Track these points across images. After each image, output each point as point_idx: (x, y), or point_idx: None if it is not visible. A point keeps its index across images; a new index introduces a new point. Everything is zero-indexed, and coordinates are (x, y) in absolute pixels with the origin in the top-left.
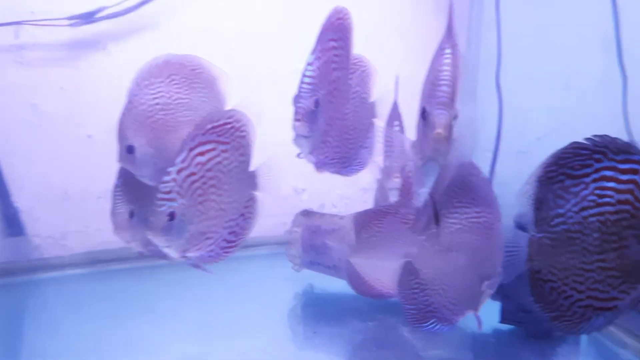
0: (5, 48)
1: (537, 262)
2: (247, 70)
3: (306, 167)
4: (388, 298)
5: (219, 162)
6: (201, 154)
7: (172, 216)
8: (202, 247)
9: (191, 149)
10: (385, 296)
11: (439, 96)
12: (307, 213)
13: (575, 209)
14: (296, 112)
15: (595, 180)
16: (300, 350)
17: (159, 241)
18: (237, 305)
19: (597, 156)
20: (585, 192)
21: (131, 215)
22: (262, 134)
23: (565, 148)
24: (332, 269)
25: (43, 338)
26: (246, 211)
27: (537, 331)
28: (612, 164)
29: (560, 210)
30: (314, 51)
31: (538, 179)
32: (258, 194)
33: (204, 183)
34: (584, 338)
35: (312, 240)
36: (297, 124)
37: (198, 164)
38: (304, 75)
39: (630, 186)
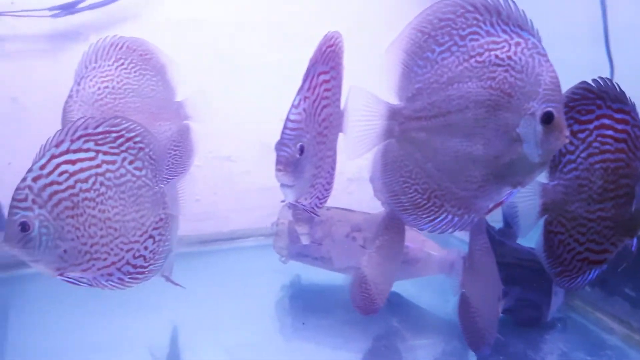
0: None
1: (550, 212)
2: (232, 60)
3: None
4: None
5: (100, 174)
6: (70, 162)
7: (24, 226)
8: (89, 268)
9: (54, 156)
10: (376, 311)
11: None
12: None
13: (584, 155)
14: (277, 162)
15: (597, 128)
16: (288, 342)
17: (21, 255)
18: (224, 298)
19: (598, 102)
20: (590, 138)
21: None
22: (241, 124)
23: (576, 88)
24: (320, 261)
25: (31, 337)
26: (156, 233)
27: (525, 318)
28: (609, 112)
29: (571, 157)
30: (300, 91)
31: None
32: (170, 214)
33: (74, 195)
34: (570, 325)
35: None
36: (279, 174)
37: (64, 172)
38: (288, 120)
39: (624, 135)
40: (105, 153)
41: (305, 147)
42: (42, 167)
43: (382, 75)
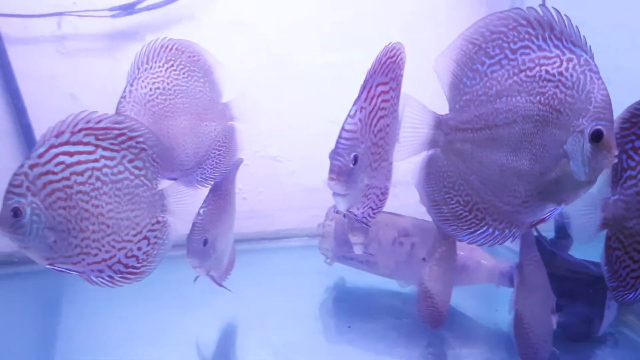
0: (48, 38)
1: (611, 227)
2: (282, 61)
3: None
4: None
5: (97, 169)
6: (68, 153)
7: (16, 212)
8: (79, 262)
9: (53, 146)
10: (443, 323)
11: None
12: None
13: None
14: (331, 171)
15: None
16: (333, 345)
17: (12, 240)
18: (269, 297)
19: None
20: None
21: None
22: (289, 125)
23: (639, 103)
24: (365, 264)
25: (82, 326)
26: (152, 235)
27: (576, 333)
28: None
29: (632, 172)
30: (357, 101)
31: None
32: (169, 218)
33: (68, 186)
34: (622, 341)
35: (346, 235)
36: (332, 182)
37: (60, 163)
38: (343, 129)
39: None
40: (105, 149)
41: (359, 157)
42: (40, 156)
43: (430, 80)
